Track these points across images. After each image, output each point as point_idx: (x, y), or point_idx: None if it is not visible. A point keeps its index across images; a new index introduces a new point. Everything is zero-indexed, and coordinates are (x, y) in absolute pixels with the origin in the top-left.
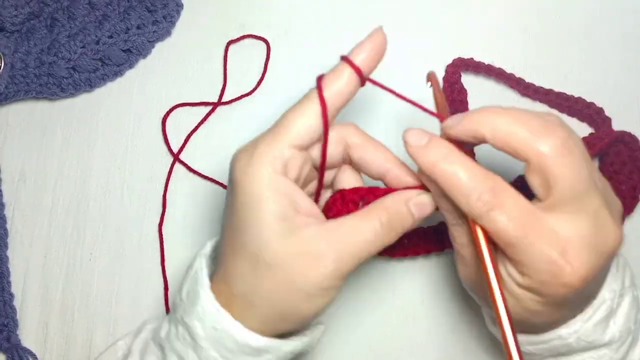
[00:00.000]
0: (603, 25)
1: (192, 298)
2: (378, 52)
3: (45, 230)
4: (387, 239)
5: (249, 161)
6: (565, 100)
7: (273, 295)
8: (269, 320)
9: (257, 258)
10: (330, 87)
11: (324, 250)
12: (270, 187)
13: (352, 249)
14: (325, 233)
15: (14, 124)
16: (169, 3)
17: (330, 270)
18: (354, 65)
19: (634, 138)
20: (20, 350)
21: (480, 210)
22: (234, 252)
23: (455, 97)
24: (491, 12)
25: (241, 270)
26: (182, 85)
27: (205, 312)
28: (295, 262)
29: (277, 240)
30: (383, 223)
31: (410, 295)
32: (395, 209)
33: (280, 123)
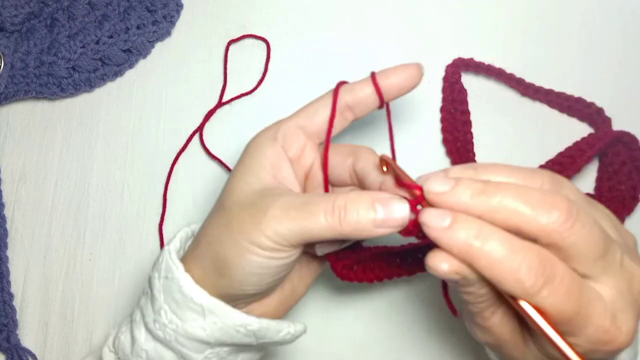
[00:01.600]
0: (603, 25)
1: (158, 258)
2: (408, 84)
3: (45, 230)
4: (336, 227)
5: (263, 130)
6: (565, 100)
7: (213, 237)
8: (206, 268)
9: (222, 203)
10: (346, 96)
11: (270, 208)
12: (262, 150)
13: (294, 216)
14: (283, 196)
15: (14, 124)
16: (169, 3)
17: (265, 227)
18: (378, 87)
19: (633, 138)
20: (20, 350)
21: (531, 290)
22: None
23: (455, 97)
24: (491, 12)
25: (207, 216)
26: (182, 85)
27: (162, 261)
28: (242, 210)
29: (242, 190)
30: (336, 205)
31: (410, 294)
32: (356, 199)
33: (299, 108)
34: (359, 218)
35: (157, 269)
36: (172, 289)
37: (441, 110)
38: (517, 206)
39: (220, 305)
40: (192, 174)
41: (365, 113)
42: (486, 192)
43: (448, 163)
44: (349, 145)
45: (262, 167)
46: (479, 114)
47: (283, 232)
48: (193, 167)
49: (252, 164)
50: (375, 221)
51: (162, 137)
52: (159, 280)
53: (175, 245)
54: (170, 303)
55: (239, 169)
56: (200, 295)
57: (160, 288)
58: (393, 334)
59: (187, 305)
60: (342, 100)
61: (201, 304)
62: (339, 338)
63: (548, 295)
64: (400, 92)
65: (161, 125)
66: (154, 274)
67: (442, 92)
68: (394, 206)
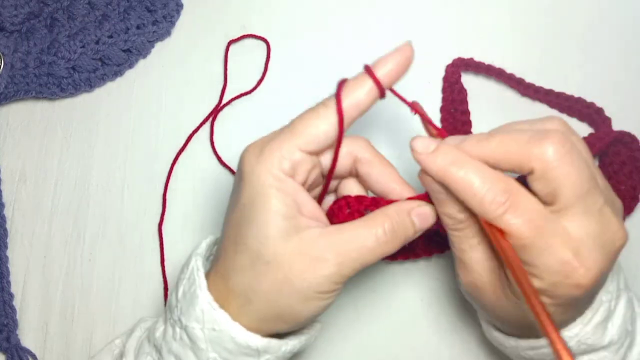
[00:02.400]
0: (603, 25)
1: (189, 299)
2: (402, 67)
3: (45, 230)
4: (389, 248)
5: (258, 156)
6: (565, 100)
7: (270, 293)
8: (265, 318)
9: (258, 254)
10: (349, 97)
11: (324, 253)
12: (275, 185)
13: (352, 255)
14: (328, 236)
15: (14, 124)
16: (169, 3)
17: (329, 274)
18: (375, 78)
19: (633, 138)
20: (20, 350)
21: (495, 212)
22: (236, 248)
23: (455, 97)
24: (491, 12)
25: (241, 266)
26: (182, 85)
27: (204, 313)
28: (295, 262)
29: (279, 238)
30: (386, 231)
31: (410, 295)
32: (398, 219)
33: (294, 124)
34: (407, 235)
35: (196, 320)
36: (223, 339)
37: (441, 110)
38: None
39: (273, 343)
40: (192, 174)
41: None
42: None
43: None
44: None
45: (285, 206)
46: (479, 114)
47: (345, 272)
48: (193, 167)
49: (273, 206)
50: (416, 230)
51: (162, 137)
52: (202, 331)
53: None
54: (221, 352)
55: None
56: (256, 341)
57: (207, 339)
58: (392, 334)
59: (241, 352)
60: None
61: (257, 347)
62: (339, 338)
63: (510, 219)
64: (399, 76)
65: (161, 125)
66: (192, 324)
67: (442, 92)
68: (425, 211)
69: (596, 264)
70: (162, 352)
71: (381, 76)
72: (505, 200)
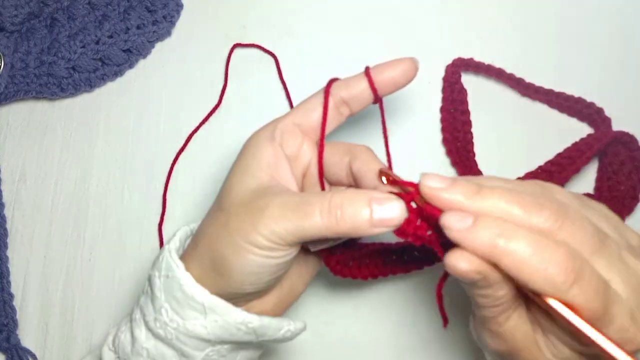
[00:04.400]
0: (603, 25)
1: (159, 253)
2: (402, 78)
3: (45, 230)
4: (332, 226)
5: (257, 131)
6: (565, 100)
7: (211, 237)
8: (204, 265)
9: (220, 203)
10: (342, 92)
11: (267, 207)
12: (259, 148)
13: (290, 216)
14: (279, 195)
15: (14, 124)
16: (169, 3)
17: (262, 227)
18: (372, 82)
19: (633, 138)
20: (20, 350)
21: (562, 287)
22: (214, 202)
23: (455, 97)
24: (491, 12)
25: (206, 216)
26: (182, 85)
27: (163, 260)
28: (239, 210)
29: (239, 189)
30: (332, 204)
31: (410, 295)
32: (350, 197)
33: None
34: (355, 217)
35: (157, 268)
36: (173, 287)
37: (441, 110)
38: (510, 207)
39: (221, 304)
40: (192, 174)
41: (361, 108)
42: (481, 194)
43: (448, 163)
44: (346, 144)
45: (259, 166)
46: (479, 114)
47: (279, 231)
48: (193, 167)
49: (249, 164)
50: (372, 220)
51: (162, 137)
52: (159, 279)
53: (175, 244)
54: (171, 302)
55: (236, 168)
56: (201, 294)
57: (161, 287)
58: (392, 334)
59: (188, 304)
60: (337, 95)
61: (202, 302)
62: (338, 338)
63: (579, 293)
64: (395, 87)
65: (161, 125)
66: (154, 272)
67: (442, 92)
68: (390, 205)
69: None
70: (134, 308)
71: (379, 80)
72: (570, 271)
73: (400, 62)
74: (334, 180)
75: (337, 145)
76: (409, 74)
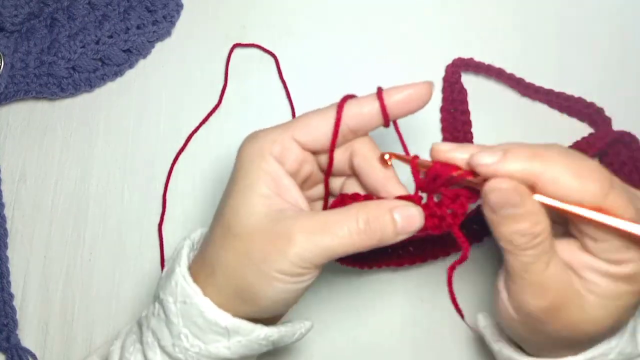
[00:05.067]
0: (603, 25)
1: (168, 274)
2: (415, 103)
3: (45, 230)
4: (361, 241)
5: (253, 140)
6: (565, 100)
7: (232, 266)
8: (226, 294)
9: (229, 226)
10: (350, 111)
11: (291, 234)
12: (260, 165)
13: (318, 240)
14: (298, 218)
15: (14, 124)
16: (169, 3)
17: (292, 255)
18: (383, 106)
19: (633, 138)
20: (20, 350)
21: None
22: (216, 221)
23: (455, 97)
24: (491, 12)
25: (214, 237)
26: (182, 85)
27: (177, 285)
28: (260, 237)
29: (251, 213)
30: (359, 222)
31: (410, 295)
32: (376, 212)
33: (296, 118)
34: (382, 231)
35: (170, 293)
36: (192, 314)
37: (441, 110)
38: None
39: (244, 325)
40: (192, 174)
41: (368, 131)
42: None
43: None
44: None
45: (264, 185)
46: (479, 114)
47: (309, 256)
48: (193, 167)
49: (252, 182)
50: (396, 230)
51: (162, 137)
52: (174, 305)
53: (185, 265)
54: (191, 327)
55: (238, 186)
56: (224, 319)
57: (178, 313)
58: (392, 334)
59: (210, 329)
60: (345, 123)
61: (226, 326)
62: (338, 339)
63: (616, 198)
64: (408, 111)
65: (161, 125)
66: (167, 297)
67: (442, 92)
68: (410, 211)
69: None
70: (142, 328)
71: (390, 104)
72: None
73: (416, 86)
74: (336, 173)
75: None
76: (424, 98)
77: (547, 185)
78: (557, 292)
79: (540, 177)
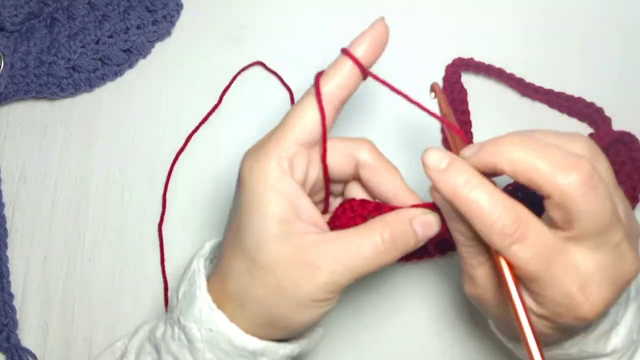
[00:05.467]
0: (603, 25)
1: (188, 299)
2: (379, 44)
3: (45, 230)
4: (387, 258)
5: (255, 159)
6: (565, 100)
7: (264, 299)
8: (259, 324)
9: (253, 259)
10: (331, 81)
11: (319, 262)
12: (274, 188)
13: (348, 263)
14: (323, 244)
15: (14, 124)
16: (169, 3)
17: (323, 283)
18: (355, 59)
19: (633, 138)
20: (20, 350)
21: (503, 243)
22: (234, 251)
23: (455, 97)
24: (491, 12)
25: (237, 270)
26: (182, 85)
27: (201, 313)
28: (289, 269)
29: (274, 243)
30: (384, 240)
31: (411, 296)
32: (398, 227)
33: (284, 121)
34: (406, 244)
35: (194, 320)
36: (219, 340)
37: None
38: (537, 163)
39: (270, 346)
40: (192, 174)
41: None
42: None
43: None
44: (345, 142)
45: (280, 209)
46: (479, 114)
47: (339, 280)
48: (193, 167)
49: (267, 209)
50: (418, 240)
51: (162, 137)
52: (199, 331)
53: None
54: (218, 353)
55: (252, 214)
56: (252, 344)
57: (203, 339)
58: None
59: (238, 354)
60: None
61: (254, 350)
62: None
63: (515, 253)
64: (377, 55)
65: (161, 125)
66: (189, 324)
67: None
68: (429, 220)
69: (602, 300)
70: (160, 352)
71: (360, 56)
72: (514, 231)
73: (372, 29)
74: (338, 178)
75: (337, 145)
76: (384, 37)
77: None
78: (483, 289)
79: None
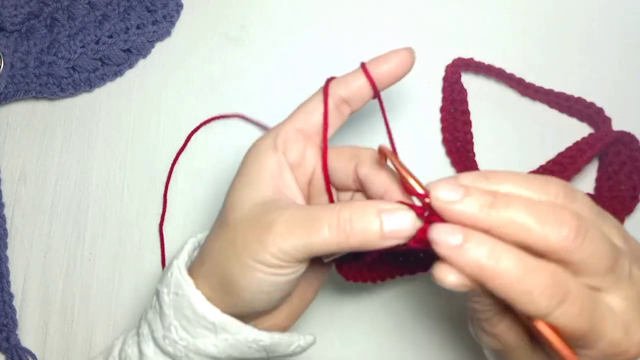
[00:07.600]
0: (603, 25)
1: (167, 268)
2: (400, 70)
3: (45, 230)
4: (341, 239)
5: (260, 139)
6: (565, 100)
7: (218, 254)
8: (211, 283)
9: (224, 217)
10: (340, 90)
11: (273, 224)
12: (262, 161)
13: (299, 233)
14: (285, 210)
15: (14, 124)
16: (169, 3)
17: (270, 245)
18: (369, 76)
19: (633, 138)
20: (20, 350)
21: (547, 309)
22: (216, 220)
23: (455, 97)
24: (491, 12)
25: (211, 232)
26: (182, 85)
27: (172, 277)
28: (246, 226)
29: (244, 204)
30: (341, 219)
31: (411, 296)
32: (361, 210)
33: (294, 111)
34: (365, 231)
35: (166, 284)
36: (183, 305)
37: (441, 110)
38: (527, 221)
39: (232, 322)
40: (192, 174)
41: (361, 105)
42: (496, 205)
43: (448, 163)
44: (351, 148)
45: (262, 178)
46: (479, 114)
47: (288, 249)
48: (193, 167)
49: (251, 176)
50: (382, 233)
51: (162, 137)
52: (168, 295)
53: (183, 258)
54: (181, 320)
55: (239, 181)
56: (212, 313)
57: (170, 304)
58: (393, 335)
59: (199, 323)
60: (337, 94)
61: (213, 321)
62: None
63: (562, 315)
64: (393, 79)
65: (161, 125)
66: (162, 288)
67: (442, 92)
68: (400, 216)
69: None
70: (141, 321)
71: (375, 75)
72: (556, 292)
73: (397, 53)
74: (340, 186)
75: (341, 150)
76: (406, 65)
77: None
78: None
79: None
